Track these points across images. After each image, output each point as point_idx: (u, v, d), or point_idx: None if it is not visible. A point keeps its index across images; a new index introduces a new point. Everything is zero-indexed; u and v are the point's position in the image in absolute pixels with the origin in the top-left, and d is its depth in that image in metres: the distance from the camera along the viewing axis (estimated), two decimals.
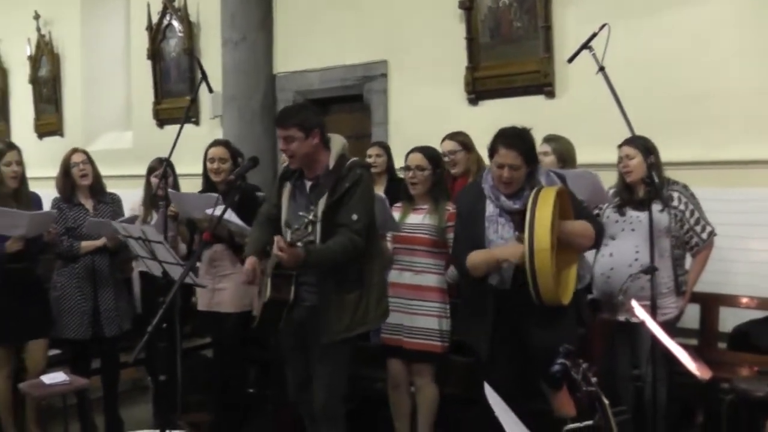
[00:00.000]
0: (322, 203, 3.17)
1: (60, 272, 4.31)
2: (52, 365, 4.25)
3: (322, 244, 3.15)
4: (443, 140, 4.42)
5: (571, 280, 3.16)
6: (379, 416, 4.02)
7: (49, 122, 9.20)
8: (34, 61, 9.32)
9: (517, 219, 3.11)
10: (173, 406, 4.33)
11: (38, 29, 9.17)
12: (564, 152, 4.16)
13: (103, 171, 7.34)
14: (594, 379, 1.76)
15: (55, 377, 3.71)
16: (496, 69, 5.38)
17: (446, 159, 4.33)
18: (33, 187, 4.31)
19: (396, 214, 3.82)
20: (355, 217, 3.16)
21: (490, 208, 3.23)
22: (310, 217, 2.90)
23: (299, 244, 2.91)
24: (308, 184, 3.32)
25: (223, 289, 4.28)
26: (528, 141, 3.18)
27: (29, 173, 4.25)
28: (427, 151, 3.81)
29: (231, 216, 3.88)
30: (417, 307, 3.71)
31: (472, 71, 5.50)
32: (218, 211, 3.98)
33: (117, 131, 8.74)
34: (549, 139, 4.19)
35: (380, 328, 3.81)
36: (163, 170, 4.18)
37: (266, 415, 4.49)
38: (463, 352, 3.77)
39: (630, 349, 3.65)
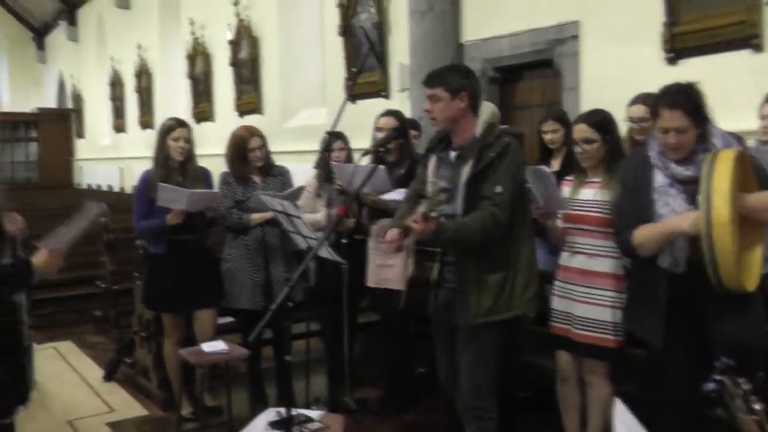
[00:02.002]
0: (465, 173, 2.94)
1: (231, 244, 4.39)
2: (223, 333, 4.35)
3: (461, 218, 2.90)
4: (631, 104, 3.95)
5: (757, 263, 2.64)
6: (552, 406, 3.69)
7: (249, 101, 9.68)
8: (235, 44, 9.84)
9: (692, 189, 2.65)
10: (342, 381, 4.34)
11: (237, 14, 9.66)
12: None
13: (301, 146, 7.57)
14: (758, 406, 1.35)
15: (215, 345, 3.72)
16: (697, 23, 4.69)
17: (634, 126, 3.88)
18: None
19: (566, 189, 3.42)
20: (499, 189, 2.89)
21: (658, 179, 2.80)
22: (442, 184, 2.66)
23: (433, 214, 2.67)
24: (453, 154, 3.08)
25: (392, 265, 4.17)
26: (694, 97, 2.71)
27: None
28: (593, 118, 3.31)
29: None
30: (588, 295, 3.26)
31: (670, 27, 4.86)
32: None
33: (312, 108, 8.97)
34: None
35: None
36: (326, 143, 4.12)
37: (436, 395, 4.32)
38: (642, 345, 3.32)
39: None
